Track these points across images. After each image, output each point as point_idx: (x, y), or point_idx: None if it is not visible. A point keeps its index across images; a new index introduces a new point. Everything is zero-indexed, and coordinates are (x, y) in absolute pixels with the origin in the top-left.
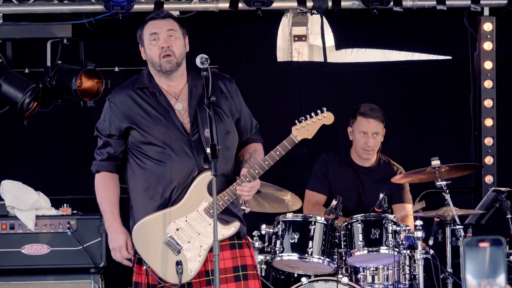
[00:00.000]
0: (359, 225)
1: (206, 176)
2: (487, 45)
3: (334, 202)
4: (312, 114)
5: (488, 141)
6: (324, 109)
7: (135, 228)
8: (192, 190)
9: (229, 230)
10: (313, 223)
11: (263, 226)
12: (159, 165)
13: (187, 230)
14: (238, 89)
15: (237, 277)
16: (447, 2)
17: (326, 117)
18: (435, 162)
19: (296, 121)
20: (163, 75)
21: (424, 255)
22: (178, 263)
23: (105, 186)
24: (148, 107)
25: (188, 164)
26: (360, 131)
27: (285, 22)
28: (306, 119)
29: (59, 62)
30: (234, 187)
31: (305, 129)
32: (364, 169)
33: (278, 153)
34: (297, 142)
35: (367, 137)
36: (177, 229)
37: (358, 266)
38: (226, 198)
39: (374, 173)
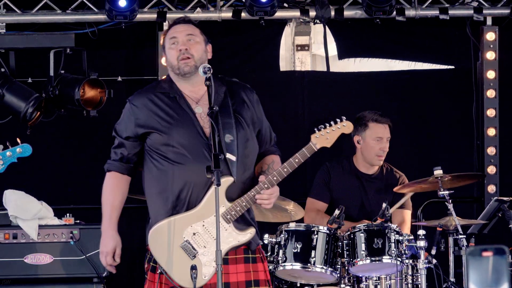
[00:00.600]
0: (361, 234)
1: (225, 181)
2: (490, 55)
3: (337, 212)
4: (332, 122)
5: (491, 150)
6: (344, 118)
7: (152, 231)
8: (211, 195)
9: (245, 236)
10: (315, 232)
11: (266, 235)
12: (176, 166)
13: (204, 234)
14: (259, 100)
15: None
16: (449, 12)
17: (346, 126)
18: (438, 172)
19: (315, 129)
20: (183, 79)
21: (427, 265)
22: (193, 268)
23: (112, 188)
24: (168, 109)
25: (202, 168)
26: (376, 137)
27: (288, 32)
28: (325, 127)
29: (62, 71)
30: (252, 193)
31: (324, 137)
32: (368, 177)
33: (297, 160)
34: (316, 150)
35: (382, 142)
36: (194, 234)
37: (360, 275)
38: (244, 204)
39: (378, 181)
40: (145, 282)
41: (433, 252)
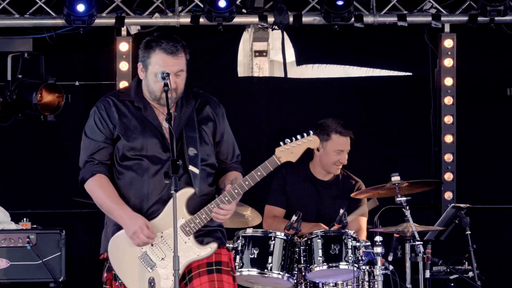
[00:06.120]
0: (319, 240)
1: (185, 192)
2: (448, 62)
3: (294, 218)
4: (298, 136)
5: (448, 157)
6: (311, 132)
7: (111, 241)
8: (170, 206)
9: (205, 250)
10: (272, 238)
11: None
12: (136, 177)
13: (162, 246)
14: (225, 114)
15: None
16: (408, 19)
17: (312, 141)
18: (395, 178)
19: (280, 143)
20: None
21: (384, 271)
22: (151, 281)
23: (106, 185)
24: (132, 118)
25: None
26: (337, 150)
27: (246, 38)
28: (291, 141)
29: (20, 76)
30: (212, 206)
31: (289, 151)
32: (323, 183)
33: (259, 173)
34: (279, 163)
35: (343, 154)
36: (152, 245)
37: (317, 281)
38: (204, 216)
39: (334, 187)
40: None
41: (390, 258)
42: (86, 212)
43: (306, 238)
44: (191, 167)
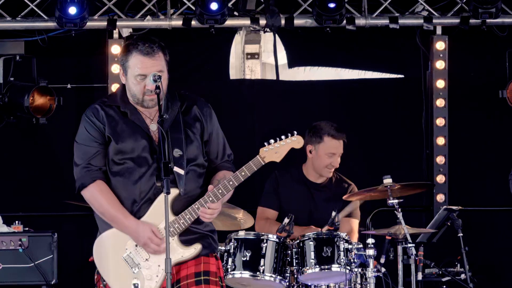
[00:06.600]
0: (311, 242)
1: (171, 193)
2: (440, 64)
3: (286, 220)
4: (282, 137)
5: (440, 159)
6: (295, 132)
7: (96, 242)
8: (155, 206)
9: (189, 251)
10: (265, 241)
11: None
12: (124, 180)
13: None
14: (213, 114)
15: None
16: (399, 21)
17: (296, 141)
18: (387, 181)
19: (264, 143)
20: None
21: (376, 273)
22: (135, 285)
23: (107, 192)
24: (120, 122)
25: (152, 181)
26: (329, 152)
27: (238, 40)
28: (275, 141)
29: (12, 79)
30: (196, 206)
31: (273, 151)
32: (316, 186)
33: (243, 173)
34: (263, 163)
35: (334, 157)
36: (136, 245)
37: (310, 284)
38: (188, 216)
39: (327, 190)
40: None
41: (382, 260)
42: (78, 214)
43: (298, 241)
44: (176, 168)
